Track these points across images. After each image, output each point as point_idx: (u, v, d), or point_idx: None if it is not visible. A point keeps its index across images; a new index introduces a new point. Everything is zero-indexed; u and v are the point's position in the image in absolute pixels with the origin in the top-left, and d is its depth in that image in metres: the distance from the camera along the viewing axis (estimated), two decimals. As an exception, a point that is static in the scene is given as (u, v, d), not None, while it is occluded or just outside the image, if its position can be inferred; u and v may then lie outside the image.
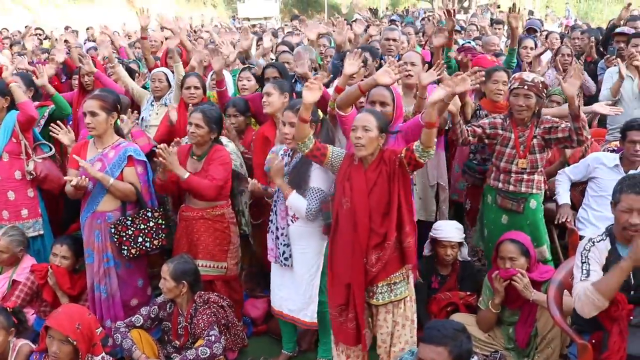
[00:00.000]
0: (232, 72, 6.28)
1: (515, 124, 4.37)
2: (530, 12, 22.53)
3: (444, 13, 5.82)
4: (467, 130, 4.40)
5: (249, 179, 4.47)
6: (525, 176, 4.36)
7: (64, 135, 4.70)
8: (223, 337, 4.10)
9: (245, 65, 5.93)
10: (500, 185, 4.42)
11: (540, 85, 4.29)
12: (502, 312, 4.18)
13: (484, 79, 4.35)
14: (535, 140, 4.33)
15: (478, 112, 5.09)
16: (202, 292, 4.20)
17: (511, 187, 4.38)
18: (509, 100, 4.46)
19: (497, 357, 4.13)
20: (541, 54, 7.04)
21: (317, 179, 4.00)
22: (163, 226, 4.46)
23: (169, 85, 5.73)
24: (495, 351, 4.17)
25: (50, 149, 5.09)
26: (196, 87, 5.22)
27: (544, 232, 4.51)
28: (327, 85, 5.32)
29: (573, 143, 4.26)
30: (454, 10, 5.57)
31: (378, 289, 3.66)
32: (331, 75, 5.32)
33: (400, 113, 4.05)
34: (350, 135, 3.60)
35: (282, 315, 4.24)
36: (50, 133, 4.75)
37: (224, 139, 4.68)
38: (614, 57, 6.39)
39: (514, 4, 5.79)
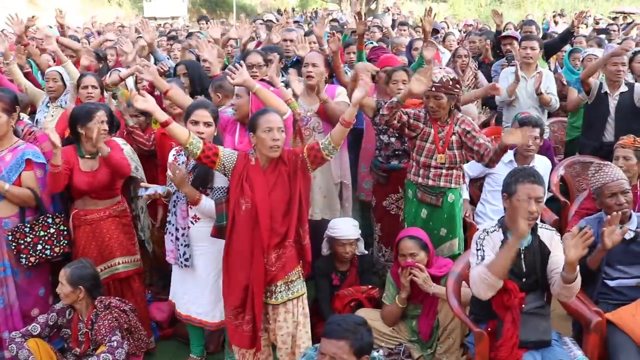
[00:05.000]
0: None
1: (435, 120, 4.43)
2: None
3: (355, 16, 5.91)
4: (398, 114, 4.37)
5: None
6: (444, 171, 4.43)
7: None
8: (126, 342, 3.98)
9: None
10: (420, 180, 4.48)
11: (450, 83, 4.31)
12: (406, 306, 4.27)
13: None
14: (454, 137, 4.40)
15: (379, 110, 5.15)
16: (103, 297, 4.07)
17: (430, 182, 4.44)
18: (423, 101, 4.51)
19: (401, 349, 4.21)
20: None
21: (222, 176, 3.98)
22: (65, 232, 4.30)
23: (65, 85, 5.52)
24: (399, 344, 4.25)
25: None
26: (94, 87, 5.06)
27: (460, 225, 4.63)
28: None
29: (482, 161, 4.36)
30: (365, 14, 5.66)
31: (277, 288, 3.66)
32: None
33: (256, 102, 4.08)
34: (264, 137, 3.51)
35: (191, 319, 4.18)
36: None
37: (119, 140, 4.57)
38: (513, 60, 6.65)
39: (430, 8, 5.94)
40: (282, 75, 5.53)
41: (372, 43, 7.41)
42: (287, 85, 4.76)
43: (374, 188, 5.21)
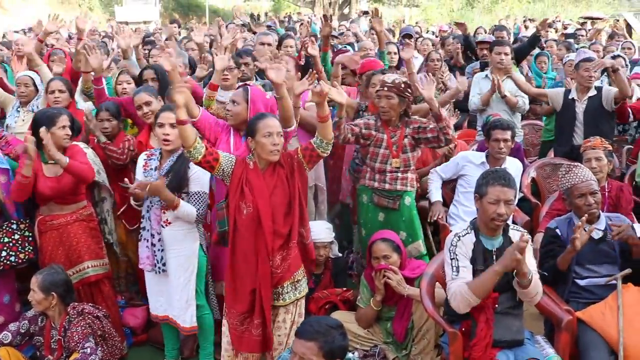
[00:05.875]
0: (107, 78, 6.06)
1: (386, 125, 4.51)
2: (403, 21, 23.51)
3: (321, 19, 5.94)
4: (347, 128, 4.46)
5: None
6: (399, 174, 4.51)
7: None
8: (100, 349, 3.95)
9: (123, 69, 5.75)
10: (376, 184, 4.54)
11: (402, 86, 4.41)
12: (380, 308, 4.29)
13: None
14: (406, 140, 4.49)
15: (362, 112, 5.20)
16: (76, 304, 4.02)
17: (387, 186, 4.51)
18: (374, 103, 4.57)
19: (376, 351, 4.23)
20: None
21: (197, 181, 4.01)
22: (30, 238, 4.25)
23: (37, 90, 5.45)
24: (374, 346, 4.27)
25: None
26: (61, 91, 5.01)
27: (419, 227, 4.69)
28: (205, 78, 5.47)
29: (441, 142, 4.46)
30: (331, 17, 5.71)
31: (284, 289, 3.65)
32: (210, 69, 5.32)
33: (254, 109, 4.07)
34: (265, 142, 3.50)
35: (168, 319, 4.16)
36: None
37: (82, 144, 4.53)
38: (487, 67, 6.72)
39: (375, 9, 6.00)
40: (256, 80, 5.53)
41: (345, 47, 7.45)
42: (264, 86, 4.77)
43: (351, 190, 5.24)
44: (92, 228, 4.46)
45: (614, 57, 6.59)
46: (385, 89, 4.40)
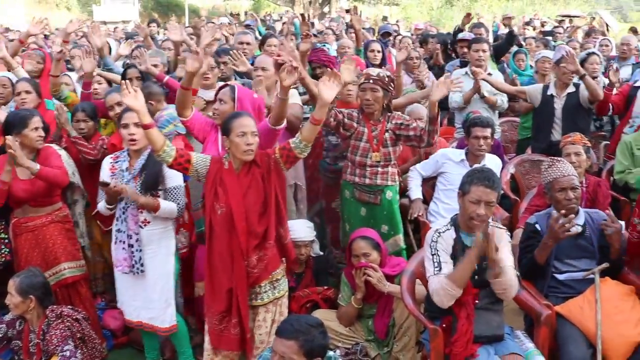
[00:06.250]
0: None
1: (368, 119, 4.51)
2: (384, 18, 23.56)
3: (299, 18, 5.94)
4: (331, 113, 4.41)
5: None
6: (379, 169, 4.51)
7: None
8: (79, 352, 3.91)
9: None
10: (356, 179, 4.55)
11: (386, 79, 4.46)
12: (361, 306, 4.29)
13: None
14: (387, 134, 4.49)
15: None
16: (55, 306, 3.99)
17: (367, 180, 4.52)
18: (358, 96, 4.58)
19: (358, 349, 4.23)
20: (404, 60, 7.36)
21: (173, 176, 4.01)
22: (6, 241, 4.20)
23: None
24: (356, 344, 4.27)
25: None
26: (27, 92, 4.97)
27: (400, 221, 4.70)
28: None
29: (422, 143, 4.47)
30: (309, 15, 5.71)
31: (262, 288, 3.65)
32: None
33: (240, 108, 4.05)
34: (238, 141, 3.48)
35: (142, 325, 4.13)
36: None
37: (55, 146, 4.49)
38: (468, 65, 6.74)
39: (354, 7, 6.01)
40: (235, 79, 5.52)
41: (324, 45, 7.44)
42: (243, 85, 4.75)
43: (322, 190, 5.24)
44: (68, 229, 4.44)
45: (588, 54, 6.66)
46: (371, 81, 4.41)
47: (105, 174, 4.11)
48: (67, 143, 4.75)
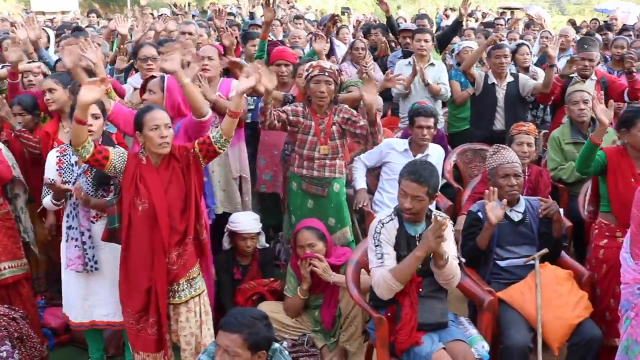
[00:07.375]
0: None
1: (314, 112, 4.49)
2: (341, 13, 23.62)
3: (262, 4, 5.87)
4: (273, 114, 4.40)
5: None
6: (327, 161, 4.49)
7: None
8: (17, 352, 3.78)
9: (29, 61, 5.50)
10: (304, 172, 4.52)
11: (337, 73, 4.46)
12: (308, 296, 4.29)
13: None
14: (334, 127, 4.47)
15: (288, 104, 5.12)
16: (-9, 307, 3.85)
17: (315, 173, 4.50)
18: (307, 88, 4.51)
19: (305, 340, 4.22)
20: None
21: None
22: None
23: None
24: (303, 334, 4.26)
25: None
26: None
27: (347, 213, 4.70)
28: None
29: (368, 143, 4.48)
30: (273, 1, 5.67)
31: (179, 286, 3.60)
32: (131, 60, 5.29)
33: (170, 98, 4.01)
34: (152, 135, 3.42)
35: (96, 324, 4.01)
36: None
37: None
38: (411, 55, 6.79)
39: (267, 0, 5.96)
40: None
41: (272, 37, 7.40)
42: None
43: (284, 179, 5.20)
44: (9, 227, 4.28)
45: (518, 45, 6.89)
46: (326, 74, 4.35)
47: (51, 169, 3.95)
48: (8, 136, 4.58)
